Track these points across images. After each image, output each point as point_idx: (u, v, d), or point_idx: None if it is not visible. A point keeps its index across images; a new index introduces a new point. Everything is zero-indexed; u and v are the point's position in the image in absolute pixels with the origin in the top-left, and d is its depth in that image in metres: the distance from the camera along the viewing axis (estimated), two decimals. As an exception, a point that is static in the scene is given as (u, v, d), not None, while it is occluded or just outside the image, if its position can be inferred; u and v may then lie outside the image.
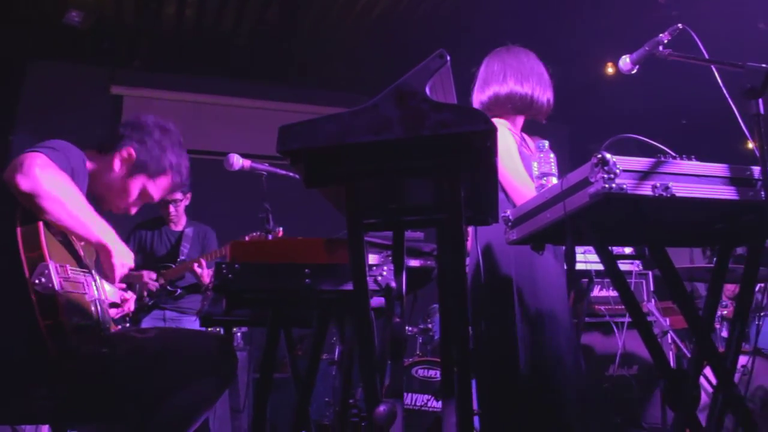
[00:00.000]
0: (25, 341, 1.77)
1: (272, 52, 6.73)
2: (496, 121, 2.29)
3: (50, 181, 1.82)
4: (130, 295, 2.32)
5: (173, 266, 4.44)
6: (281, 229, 3.54)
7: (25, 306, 1.75)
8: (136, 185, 2.22)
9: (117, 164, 2.19)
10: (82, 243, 2.04)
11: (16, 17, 5.90)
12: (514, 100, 2.74)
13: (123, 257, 2.03)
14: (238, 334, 4.84)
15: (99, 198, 2.20)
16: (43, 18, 5.90)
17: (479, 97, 2.82)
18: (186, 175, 2.33)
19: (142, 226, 4.71)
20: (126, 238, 4.61)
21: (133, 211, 2.31)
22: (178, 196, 4.53)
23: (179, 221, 4.66)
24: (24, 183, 1.79)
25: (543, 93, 2.77)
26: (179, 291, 4.42)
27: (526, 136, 2.90)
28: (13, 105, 6.45)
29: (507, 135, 2.67)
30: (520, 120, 2.86)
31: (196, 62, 6.89)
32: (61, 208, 1.84)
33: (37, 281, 1.76)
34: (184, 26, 6.21)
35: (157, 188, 2.27)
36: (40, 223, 1.84)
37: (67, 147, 2.02)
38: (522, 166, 2.64)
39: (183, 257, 4.47)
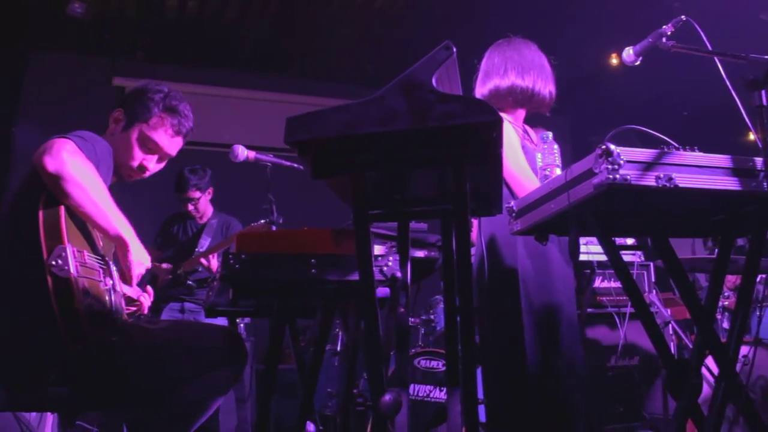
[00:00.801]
0: (39, 323, 1.79)
1: (274, 44, 6.73)
2: None
3: (76, 166, 1.86)
4: (149, 291, 2.33)
5: (190, 258, 4.46)
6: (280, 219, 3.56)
7: (40, 288, 1.77)
8: (134, 135, 2.23)
9: (112, 126, 2.25)
10: (101, 236, 2.06)
11: (19, 8, 5.89)
12: (515, 93, 2.75)
13: (140, 255, 2.05)
14: (242, 324, 4.86)
15: (119, 169, 2.24)
16: (45, 9, 5.90)
17: (480, 90, 2.83)
18: (185, 114, 2.32)
19: (172, 219, 4.78)
20: (158, 233, 4.72)
21: (150, 166, 2.29)
22: (195, 194, 4.55)
23: (204, 214, 4.70)
24: (51, 164, 1.83)
25: (545, 85, 2.78)
26: (189, 283, 4.45)
27: (528, 129, 2.91)
28: (15, 96, 6.46)
29: (509, 128, 2.67)
30: (522, 113, 2.86)
31: (199, 54, 6.89)
32: (83, 194, 1.87)
33: (54, 263, 1.78)
34: (186, 17, 6.20)
35: (155, 131, 2.25)
36: (62, 208, 1.87)
37: (94, 138, 2.06)
38: (524, 160, 2.65)
39: (200, 249, 4.50)
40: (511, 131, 2.68)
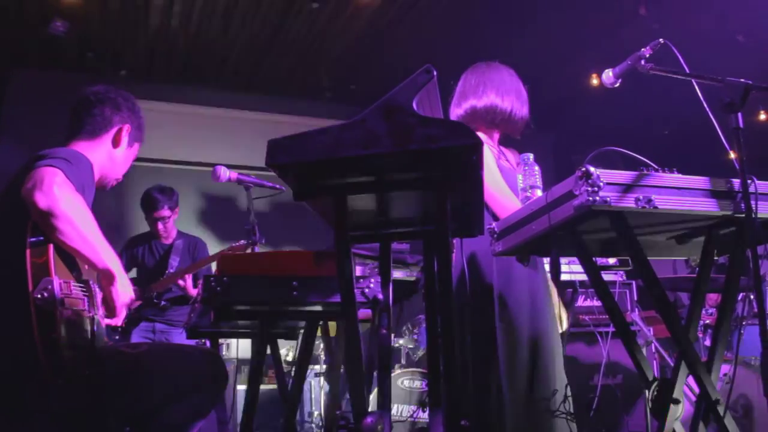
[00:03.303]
0: (20, 354, 1.76)
1: (258, 63, 6.74)
2: None
3: (66, 201, 1.84)
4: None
5: (162, 279, 4.44)
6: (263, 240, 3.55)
7: (23, 318, 1.75)
8: (135, 151, 2.39)
9: (117, 142, 2.30)
10: (86, 267, 2.04)
11: (1, 25, 5.87)
12: (493, 114, 2.78)
13: (125, 288, 2.05)
14: (224, 345, 4.83)
15: (103, 180, 2.31)
16: (27, 27, 5.88)
17: (456, 111, 2.84)
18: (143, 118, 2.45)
19: (134, 240, 4.77)
20: (119, 253, 4.63)
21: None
22: (166, 213, 4.55)
23: (169, 235, 4.67)
24: (42, 201, 1.80)
25: (520, 109, 2.81)
26: (163, 303, 4.42)
27: (504, 150, 2.93)
28: (-4, 113, 6.42)
29: (485, 149, 2.69)
30: (497, 134, 2.89)
31: (182, 73, 6.88)
32: (73, 230, 1.85)
33: (39, 295, 1.76)
34: (169, 37, 6.20)
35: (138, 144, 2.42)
36: (51, 245, 1.86)
37: (77, 157, 2.05)
38: (502, 179, 2.67)
39: (171, 270, 4.48)
40: (487, 151, 2.69)
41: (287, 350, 5.00)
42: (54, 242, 1.86)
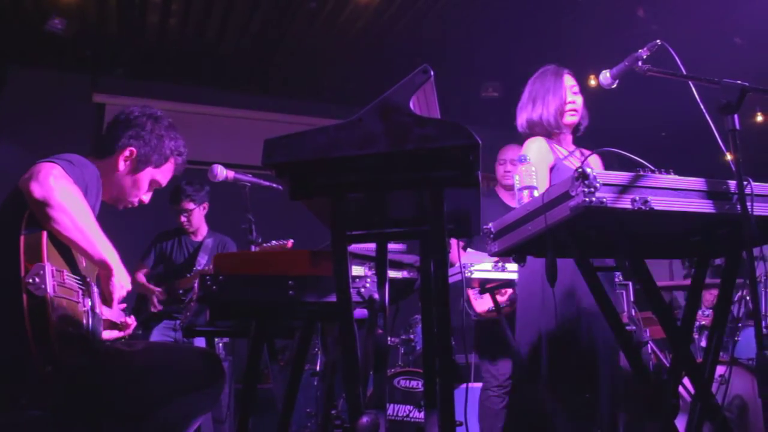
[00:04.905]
0: (11, 342, 1.76)
1: (255, 62, 6.73)
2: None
3: (63, 192, 1.85)
4: (132, 321, 2.30)
5: (189, 276, 4.42)
6: (291, 241, 3.51)
7: (15, 305, 1.74)
8: (145, 178, 2.29)
9: (122, 164, 2.24)
10: (84, 263, 2.04)
11: (-2, 23, 5.87)
12: (533, 125, 2.92)
13: (123, 280, 2.05)
14: (220, 344, 4.82)
15: (113, 200, 2.28)
16: (25, 25, 5.87)
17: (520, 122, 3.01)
18: (186, 153, 2.40)
19: (163, 236, 4.74)
20: (148, 248, 4.69)
21: (147, 200, 2.36)
22: (190, 206, 4.53)
23: (198, 231, 4.67)
24: (37, 190, 1.82)
25: (547, 111, 2.90)
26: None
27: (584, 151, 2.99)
28: (-7, 112, 6.41)
29: (540, 151, 2.83)
30: (564, 136, 2.97)
31: (180, 71, 6.88)
32: (69, 220, 1.86)
33: (30, 281, 1.75)
34: (167, 35, 6.19)
35: (163, 175, 2.34)
36: (44, 232, 1.85)
37: (82, 162, 2.05)
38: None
39: (199, 267, 4.46)
40: (541, 153, 2.82)
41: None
42: (50, 232, 1.86)
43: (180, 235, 4.68)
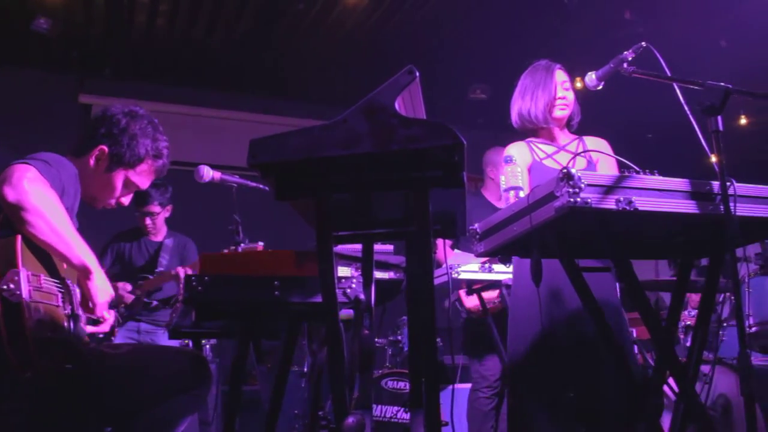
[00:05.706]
0: None
1: (244, 63, 6.72)
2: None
3: (37, 195, 1.80)
4: (110, 315, 2.29)
5: (150, 277, 4.38)
6: (261, 243, 3.51)
7: None
8: (118, 179, 2.21)
9: (93, 163, 2.17)
10: (64, 266, 2.01)
11: (-18, 24, 5.82)
12: (522, 120, 2.90)
13: (104, 283, 2.01)
14: (207, 346, 4.80)
15: (90, 200, 2.21)
16: (10, 24, 5.82)
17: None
18: (167, 155, 2.30)
19: (121, 236, 4.64)
20: (104, 248, 4.58)
21: (126, 202, 2.30)
22: (156, 209, 4.48)
23: (158, 232, 4.61)
24: (11, 194, 1.77)
25: (533, 106, 2.87)
26: (155, 303, 4.36)
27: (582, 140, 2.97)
28: (-23, 112, 6.36)
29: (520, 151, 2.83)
30: (554, 130, 2.93)
31: (167, 72, 6.84)
32: (44, 223, 1.81)
33: (5, 287, 1.71)
34: (155, 35, 6.16)
35: (139, 176, 2.25)
36: (19, 235, 1.81)
37: (59, 161, 2.00)
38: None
39: (161, 268, 4.41)
40: (520, 153, 2.82)
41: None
42: (25, 236, 1.81)
43: (139, 236, 4.59)
